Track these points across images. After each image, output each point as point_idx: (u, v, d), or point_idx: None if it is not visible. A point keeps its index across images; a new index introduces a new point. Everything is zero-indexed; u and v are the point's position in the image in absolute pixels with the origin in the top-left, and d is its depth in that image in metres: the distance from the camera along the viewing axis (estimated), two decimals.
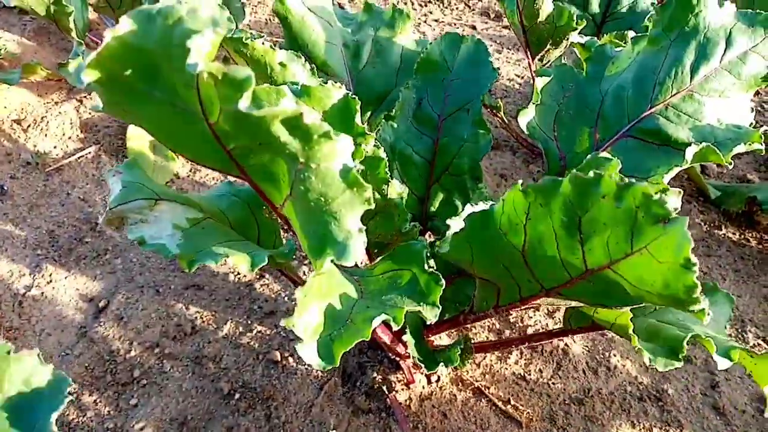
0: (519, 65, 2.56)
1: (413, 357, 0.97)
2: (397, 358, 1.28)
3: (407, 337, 0.96)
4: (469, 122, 1.19)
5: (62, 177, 1.82)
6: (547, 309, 1.46)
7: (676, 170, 1.00)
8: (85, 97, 2.08)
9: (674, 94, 1.08)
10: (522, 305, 0.84)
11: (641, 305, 0.71)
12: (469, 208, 0.80)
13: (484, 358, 1.35)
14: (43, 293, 1.52)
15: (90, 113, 2.02)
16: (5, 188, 1.74)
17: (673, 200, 0.73)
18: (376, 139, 0.91)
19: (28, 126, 1.91)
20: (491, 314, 0.92)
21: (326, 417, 1.26)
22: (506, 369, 1.34)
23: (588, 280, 0.71)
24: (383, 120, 1.19)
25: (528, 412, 1.26)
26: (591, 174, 0.62)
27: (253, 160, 0.64)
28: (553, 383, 1.32)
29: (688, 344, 0.82)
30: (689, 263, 0.58)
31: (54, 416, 0.66)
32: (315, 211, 0.59)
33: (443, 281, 0.75)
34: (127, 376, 1.35)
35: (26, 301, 1.49)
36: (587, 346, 1.39)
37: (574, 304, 0.81)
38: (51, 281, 1.54)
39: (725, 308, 1.00)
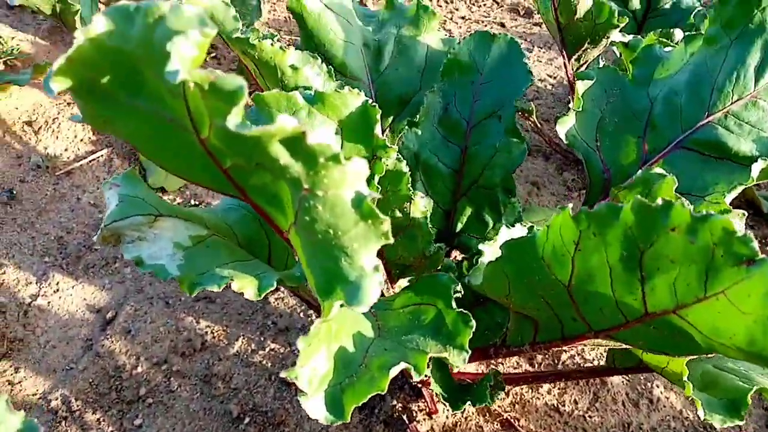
0: (551, 65, 2.43)
1: (436, 393, 0.86)
2: (419, 385, 1.18)
3: (430, 371, 0.86)
4: (502, 129, 1.08)
5: (72, 181, 1.75)
6: None
7: (739, 189, 0.88)
8: None
9: (735, 101, 0.96)
10: (564, 345, 0.74)
11: None
12: (506, 232, 0.70)
13: (514, 387, 1.24)
14: (49, 303, 1.45)
15: None
16: (14, 192, 1.68)
17: (739, 225, 0.62)
18: (398, 150, 0.81)
19: (39, 128, 1.85)
20: (527, 351, 0.82)
21: None
22: (538, 399, 1.23)
23: (647, 324, 0.61)
24: (406, 126, 1.09)
25: None
26: (659, 202, 0.51)
27: (254, 180, 0.55)
28: (590, 416, 1.20)
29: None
30: None
31: None
32: (323, 245, 0.49)
33: (473, 322, 0.64)
34: (133, 393, 1.28)
35: (32, 311, 1.43)
36: (627, 376, 1.27)
37: (625, 346, 0.70)
38: (58, 290, 1.48)
39: None
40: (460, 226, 1.11)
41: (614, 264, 0.58)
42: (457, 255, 1.20)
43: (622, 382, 1.26)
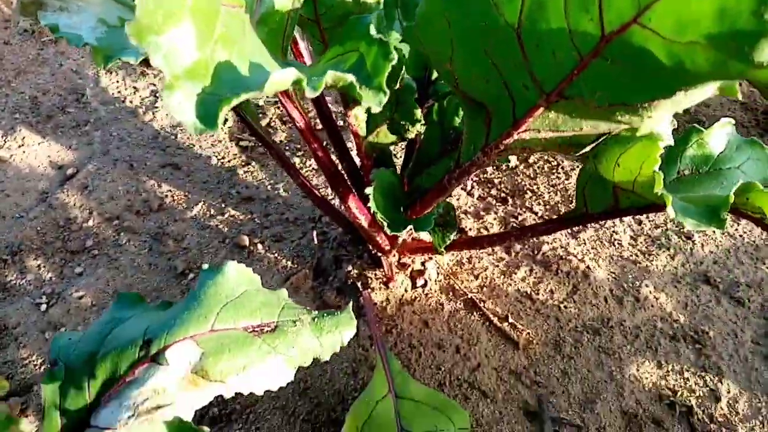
0: None
1: (374, 213, 0.76)
2: (379, 254, 1.08)
3: (370, 190, 0.75)
4: None
5: (58, 48, 1.68)
6: (570, 230, 1.22)
7: None
8: None
9: None
10: (516, 133, 0.61)
11: (675, 100, 0.48)
12: None
13: (485, 271, 1.13)
14: (11, 155, 1.38)
15: None
16: None
17: None
18: None
19: None
20: (481, 162, 0.70)
21: None
22: (510, 285, 1.11)
23: (604, 58, 0.48)
24: None
25: (528, 333, 1.03)
26: None
27: None
28: (565, 307, 1.08)
29: (733, 205, 0.58)
30: None
31: None
32: None
33: (394, 54, 0.53)
34: (79, 244, 1.20)
35: None
36: (614, 272, 1.14)
37: (585, 131, 0.57)
38: (23, 145, 1.41)
39: None
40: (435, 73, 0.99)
41: None
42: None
43: (607, 278, 1.13)
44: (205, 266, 0.65)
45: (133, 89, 1.58)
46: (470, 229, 1.21)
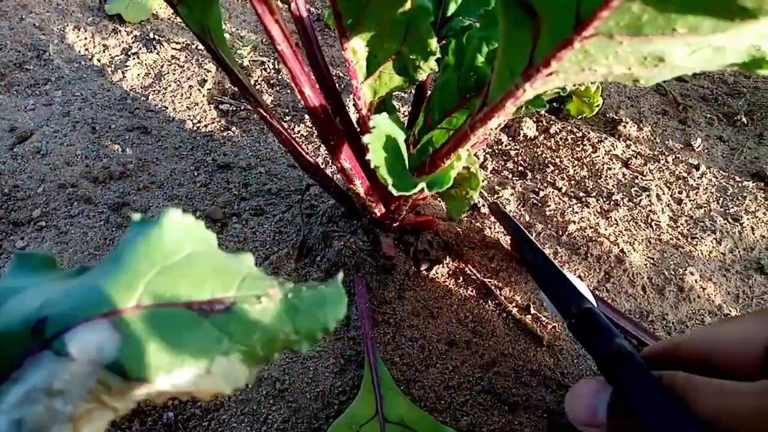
0: None
1: (375, 168, 0.58)
2: (377, 229, 0.90)
3: (368, 138, 0.58)
4: None
5: (19, 1, 1.50)
6: (600, 209, 1.04)
7: None
8: None
9: None
10: (578, 39, 0.44)
11: None
12: None
13: (500, 252, 0.95)
14: None
15: None
16: None
17: None
18: None
19: None
20: (517, 94, 0.52)
21: None
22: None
23: None
24: None
25: (554, 327, 0.86)
26: None
27: None
28: (597, 295, 0.91)
29: None
30: None
31: None
32: None
33: None
34: (24, 215, 1.02)
35: None
36: (652, 258, 0.97)
37: (682, 35, 0.40)
38: None
39: None
40: (453, 7, 0.82)
41: None
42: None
43: (645, 264, 0.96)
44: (137, 216, 0.46)
45: (102, 47, 1.40)
46: (483, 206, 1.03)
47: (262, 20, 0.61)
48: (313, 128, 0.72)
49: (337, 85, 0.87)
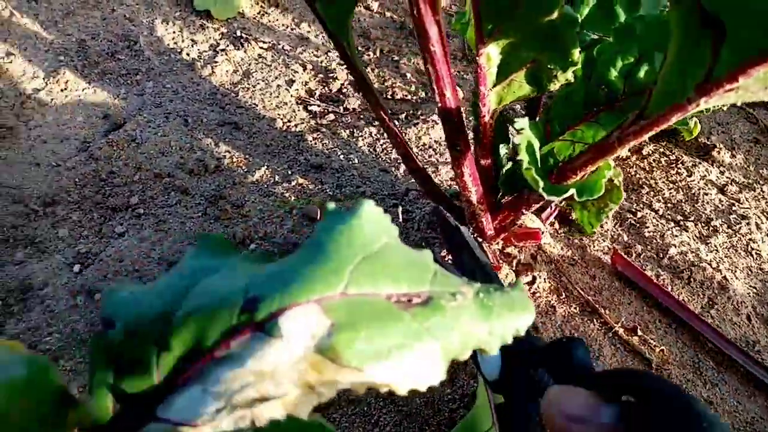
0: None
1: (526, 169, 0.57)
2: (480, 238, 0.90)
3: (520, 139, 0.57)
4: None
5: None
6: (699, 234, 1.02)
7: None
8: None
9: None
10: (762, 65, 0.43)
11: None
12: None
13: (602, 271, 0.94)
14: (52, 99, 1.22)
15: None
16: None
17: None
18: None
19: None
20: (682, 109, 0.51)
21: None
22: (634, 291, 0.92)
23: None
24: None
25: (662, 351, 0.84)
26: None
27: None
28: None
29: None
30: None
31: None
32: None
33: None
34: (122, 201, 1.03)
35: (30, 102, 1.20)
36: (755, 287, 0.95)
37: None
38: (66, 89, 1.25)
39: None
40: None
41: None
42: None
43: (748, 293, 0.94)
44: (331, 205, 0.46)
45: (191, 41, 1.42)
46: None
47: (421, 19, 0.61)
48: (443, 133, 0.71)
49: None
